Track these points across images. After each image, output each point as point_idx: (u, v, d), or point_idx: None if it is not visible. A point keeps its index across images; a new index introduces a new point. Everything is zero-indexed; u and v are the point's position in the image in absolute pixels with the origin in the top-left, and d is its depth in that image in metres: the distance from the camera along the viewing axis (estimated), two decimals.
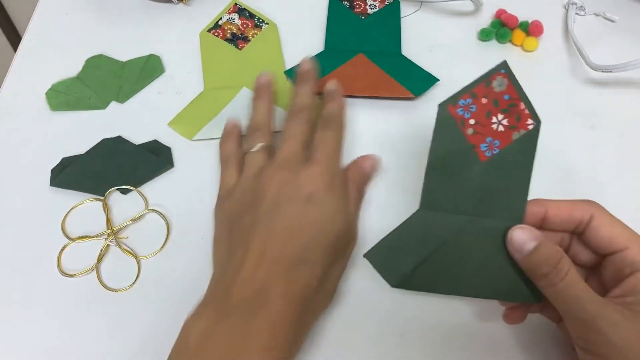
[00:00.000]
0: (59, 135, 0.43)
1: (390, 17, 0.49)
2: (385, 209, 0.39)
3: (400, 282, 0.31)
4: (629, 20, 0.49)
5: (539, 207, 0.31)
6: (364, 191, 0.38)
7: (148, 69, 0.47)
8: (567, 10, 0.50)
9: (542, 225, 0.31)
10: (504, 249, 0.30)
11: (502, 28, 0.48)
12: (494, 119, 0.31)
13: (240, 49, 0.47)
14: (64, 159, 0.42)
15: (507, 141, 0.31)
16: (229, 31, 0.48)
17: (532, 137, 0.31)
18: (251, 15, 0.49)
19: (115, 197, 0.40)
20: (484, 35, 0.48)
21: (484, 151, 0.31)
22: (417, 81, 0.44)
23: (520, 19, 0.48)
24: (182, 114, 0.44)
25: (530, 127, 0.30)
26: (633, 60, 0.42)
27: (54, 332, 0.35)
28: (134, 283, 0.37)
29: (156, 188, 0.41)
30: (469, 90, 0.30)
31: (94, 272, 0.37)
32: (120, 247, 0.38)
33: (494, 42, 0.48)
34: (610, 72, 0.43)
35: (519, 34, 0.48)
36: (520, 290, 0.30)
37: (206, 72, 0.46)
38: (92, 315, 0.36)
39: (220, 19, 0.49)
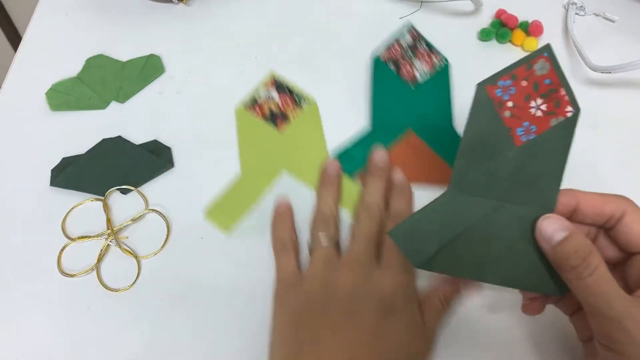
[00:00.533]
0: (59, 135, 0.43)
1: (440, 83, 0.45)
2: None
3: (424, 262, 0.30)
4: (629, 20, 0.49)
5: (570, 198, 0.30)
6: (449, 304, 0.34)
7: (148, 69, 0.47)
8: (567, 10, 0.50)
9: (571, 217, 0.30)
10: (532, 238, 0.29)
11: (502, 28, 0.48)
12: (533, 103, 0.30)
13: (279, 130, 0.43)
14: (64, 159, 0.42)
15: (545, 127, 0.30)
16: (267, 109, 0.44)
17: (569, 125, 0.29)
18: (290, 91, 0.45)
19: (115, 197, 0.40)
20: (484, 35, 0.48)
21: (519, 135, 0.30)
22: None
23: (520, 19, 0.48)
24: (218, 203, 0.40)
25: (569, 114, 0.29)
26: (633, 60, 0.42)
27: (54, 332, 0.35)
28: (134, 283, 0.37)
29: (156, 188, 0.41)
30: (510, 72, 0.30)
31: (94, 272, 0.37)
32: (120, 247, 0.38)
33: (494, 42, 0.49)
34: (610, 72, 0.43)
35: (519, 34, 0.48)
36: (544, 281, 0.29)
37: (243, 154, 0.42)
38: (92, 315, 0.36)
39: (258, 94, 0.45)
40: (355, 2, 0.52)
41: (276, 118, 0.43)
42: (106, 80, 0.46)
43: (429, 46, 0.46)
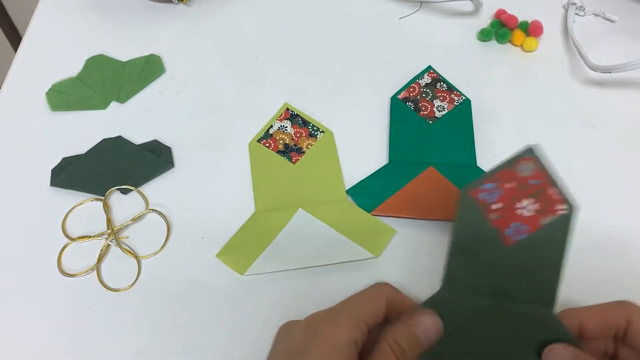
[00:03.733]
0: (59, 135, 0.43)
1: (461, 120, 0.43)
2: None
3: None
4: (628, 20, 0.49)
5: (572, 320, 0.28)
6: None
7: (148, 69, 0.47)
8: (566, 10, 0.50)
9: (581, 336, 0.29)
10: (530, 336, 0.29)
11: (502, 28, 0.48)
12: (519, 204, 0.30)
13: (294, 163, 0.42)
14: (64, 159, 0.42)
15: (535, 226, 0.29)
16: (281, 142, 0.42)
17: (564, 223, 0.29)
18: (304, 123, 0.43)
19: (115, 197, 0.40)
20: (484, 35, 0.48)
21: (509, 236, 0.30)
22: None
23: (520, 19, 0.48)
24: (231, 242, 0.38)
25: (560, 212, 0.29)
26: (633, 60, 0.42)
27: (54, 332, 0.35)
28: (134, 283, 0.37)
29: (156, 188, 0.41)
30: (493, 175, 0.30)
31: (94, 272, 0.37)
32: (120, 247, 0.38)
33: (493, 43, 0.49)
34: (610, 72, 0.43)
35: (518, 34, 0.48)
36: None
37: (257, 190, 0.40)
38: (92, 315, 0.36)
39: (271, 126, 0.43)
40: (355, 2, 0.52)
41: (290, 151, 0.42)
42: (106, 80, 0.46)
43: (449, 86, 0.45)
